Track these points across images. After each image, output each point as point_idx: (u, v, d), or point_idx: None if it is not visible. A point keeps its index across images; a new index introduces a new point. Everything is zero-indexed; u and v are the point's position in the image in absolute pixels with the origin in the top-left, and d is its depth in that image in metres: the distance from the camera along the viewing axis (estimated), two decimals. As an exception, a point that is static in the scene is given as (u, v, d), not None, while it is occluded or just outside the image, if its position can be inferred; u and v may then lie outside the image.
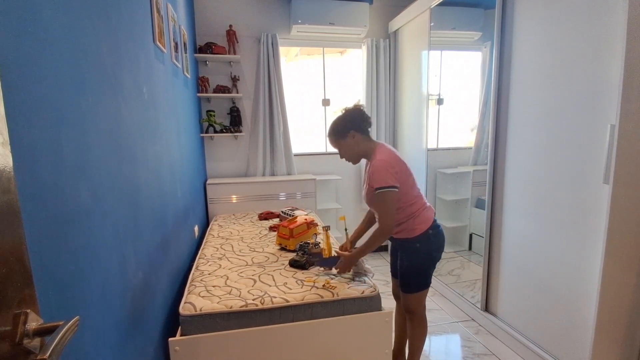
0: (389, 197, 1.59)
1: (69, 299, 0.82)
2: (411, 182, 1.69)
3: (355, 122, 1.71)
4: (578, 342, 1.73)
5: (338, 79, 3.83)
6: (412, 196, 1.70)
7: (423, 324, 1.82)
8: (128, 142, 1.28)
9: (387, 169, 1.60)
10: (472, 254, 2.99)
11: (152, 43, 1.69)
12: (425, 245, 1.71)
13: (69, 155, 0.85)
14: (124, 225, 1.20)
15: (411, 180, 1.70)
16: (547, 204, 1.88)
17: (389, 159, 1.62)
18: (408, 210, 1.69)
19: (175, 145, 2.11)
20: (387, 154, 1.65)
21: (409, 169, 1.70)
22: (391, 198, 1.59)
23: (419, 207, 1.71)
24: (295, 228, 2.22)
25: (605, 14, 1.53)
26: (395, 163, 1.63)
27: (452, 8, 2.83)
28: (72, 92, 0.88)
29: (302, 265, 1.92)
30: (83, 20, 0.97)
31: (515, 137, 2.10)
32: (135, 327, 1.26)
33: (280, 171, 3.54)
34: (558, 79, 1.78)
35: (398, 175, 1.62)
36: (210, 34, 3.27)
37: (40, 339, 0.54)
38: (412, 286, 1.75)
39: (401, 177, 1.63)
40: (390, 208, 1.60)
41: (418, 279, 1.75)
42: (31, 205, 0.69)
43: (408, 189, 1.68)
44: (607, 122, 1.52)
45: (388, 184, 1.58)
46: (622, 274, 1.57)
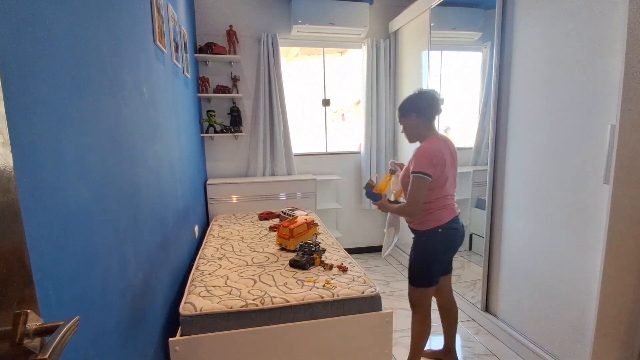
0: (420, 182, 1.65)
1: (69, 299, 0.82)
2: (443, 181, 1.72)
3: (417, 107, 1.76)
4: (578, 342, 1.73)
5: (338, 79, 3.83)
6: (438, 194, 1.73)
7: (425, 322, 1.83)
8: (128, 142, 1.28)
9: (429, 157, 1.66)
10: (472, 254, 2.99)
11: (152, 43, 1.69)
12: (431, 242, 1.75)
13: (69, 155, 0.85)
14: (124, 225, 1.20)
15: (444, 179, 1.72)
16: (547, 204, 1.88)
17: (433, 149, 1.68)
18: (426, 205, 1.73)
19: (175, 145, 2.11)
20: (434, 144, 1.70)
21: (450, 169, 1.73)
22: (421, 184, 1.65)
23: (438, 205, 1.74)
24: (296, 228, 2.21)
25: (605, 14, 1.53)
26: (438, 156, 1.67)
27: (452, 8, 2.83)
28: (72, 92, 0.89)
29: (302, 265, 1.92)
30: (83, 20, 0.97)
31: (515, 138, 2.10)
32: (135, 327, 1.26)
33: (280, 171, 3.54)
34: (558, 79, 1.78)
35: (435, 168, 1.66)
36: (211, 34, 3.28)
37: (40, 339, 0.54)
38: (414, 279, 1.79)
39: (437, 170, 1.67)
40: (419, 192, 1.66)
41: (420, 273, 1.77)
42: (31, 205, 0.69)
43: (437, 186, 1.71)
44: (607, 122, 1.52)
45: (424, 170, 1.64)
46: (622, 274, 1.57)
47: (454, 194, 1.80)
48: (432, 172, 1.65)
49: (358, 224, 3.92)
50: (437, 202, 1.73)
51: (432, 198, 1.72)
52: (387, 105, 3.67)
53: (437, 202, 1.73)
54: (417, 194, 1.65)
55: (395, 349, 2.17)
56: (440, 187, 1.72)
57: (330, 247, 2.26)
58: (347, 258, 2.10)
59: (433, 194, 1.72)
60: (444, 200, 1.74)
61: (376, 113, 3.66)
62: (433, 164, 1.65)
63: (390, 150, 3.76)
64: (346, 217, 3.88)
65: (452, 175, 1.76)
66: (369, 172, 3.71)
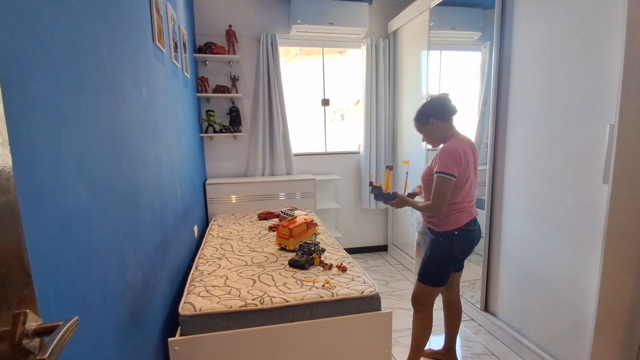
0: (445, 182, 1.65)
1: (69, 299, 0.82)
2: (464, 182, 1.72)
3: (435, 110, 1.78)
4: (577, 341, 1.74)
5: (337, 79, 3.83)
6: (460, 195, 1.73)
7: (428, 320, 1.85)
8: (127, 142, 1.28)
9: (454, 157, 1.66)
10: (471, 254, 2.99)
11: (151, 43, 1.69)
12: (447, 243, 1.76)
13: (68, 155, 0.85)
14: (124, 225, 1.20)
15: (465, 179, 1.71)
16: (547, 204, 1.88)
17: (457, 149, 1.67)
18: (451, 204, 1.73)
19: (174, 145, 2.11)
20: (458, 143, 1.70)
21: (472, 170, 1.74)
22: (446, 184, 1.65)
23: (457, 208, 1.74)
24: (295, 228, 2.21)
25: (604, 13, 1.53)
26: (462, 156, 1.67)
27: (451, 8, 2.83)
28: (71, 92, 0.88)
29: (302, 265, 1.92)
30: (82, 20, 0.97)
31: (514, 137, 2.10)
32: (134, 327, 1.26)
33: (279, 171, 3.54)
34: (557, 79, 1.79)
35: (459, 167, 1.67)
36: (210, 33, 3.27)
37: (39, 339, 0.54)
38: (426, 278, 1.80)
39: (460, 170, 1.68)
40: (444, 193, 1.66)
41: (434, 272, 1.79)
42: (31, 205, 0.69)
43: (458, 186, 1.71)
44: (606, 122, 1.53)
45: (449, 170, 1.65)
46: (621, 274, 1.57)
47: (474, 195, 1.79)
48: (457, 172, 1.66)
49: (357, 223, 3.92)
50: (456, 205, 1.73)
51: (451, 200, 1.71)
52: (387, 105, 3.67)
53: (456, 205, 1.73)
54: (442, 194, 1.65)
55: (395, 349, 2.17)
56: (460, 188, 1.72)
57: (329, 247, 2.26)
58: (346, 258, 2.10)
59: (453, 196, 1.71)
60: (462, 203, 1.74)
61: (375, 113, 3.66)
62: (458, 163, 1.65)
63: (390, 150, 3.76)
64: (345, 217, 3.88)
65: (473, 177, 1.76)
66: (369, 171, 3.71)
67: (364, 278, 1.83)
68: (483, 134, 2.60)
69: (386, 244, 4.00)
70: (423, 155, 3.12)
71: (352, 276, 1.84)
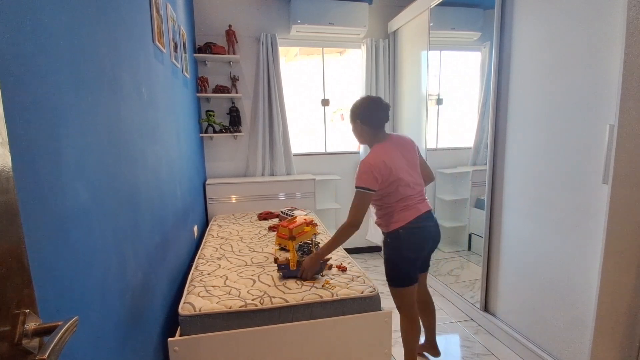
0: (362, 197, 1.67)
1: (68, 299, 0.82)
2: (395, 187, 1.71)
3: (362, 114, 1.78)
4: (577, 341, 1.74)
5: (337, 79, 3.83)
6: (397, 196, 1.73)
7: (409, 319, 1.81)
8: (127, 142, 1.28)
9: (370, 172, 1.65)
10: (471, 254, 2.99)
11: (151, 43, 1.69)
12: (395, 243, 1.74)
13: (67, 155, 0.85)
14: (123, 225, 1.20)
15: (395, 185, 1.71)
16: (546, 204, 1.88)
17: (375, 163, 1.66)
18: (387, 208, 1.76)
19: (174, 145, 2.11)
20: (377, 156, 1.69)
21: (401, 173, 1.72)
22: (363, 198, 1.67)
23: (400, 207, 1.73)
24: (295, 228, 2.21)
25: (604, 14, 1.53)
26: (381, 168, 1.66)
27: (451, 8, 2.83)
28: (71, 92, 0.88)
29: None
30: (82, 20, 0.97)
31: (514, 137, 2.10)
32: (134, 327, 1.26)
33: (279, 171, 3.54)
34: (557, 79, 1.79)
35: (379, 180, 1.66)
36: (210, 34, 3.27)
37: (39, 339, 0.54)
38: (390, 280, 1.79)
39: (384, 181, 1.68)
40: (361, 207, 1.68)
41: (393, 273, 1.77)
42: (30, 205, 0.69)
43: (392, 190, 1.72)
44: (606, 122, 1.53)
45: (366, 185, 1.66)
46: (621, 274, 1.57)
47: (415, 193, 1.76)
48: (375, 186, 1.66)
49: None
50: (397, 205, 1.73)
51: (391, 202, 1.73)
52: (387, 105, 3.67)
53: (397, 205, 1.73)
54: (356, 206, 1.68)
55: (395, 349, 2.17)
56: (394, 192, 1.71)
57: (329, 247, 2.26)
58: (346, 258, 2.10)
59: (390, 199, 1.73)
60: (403, 201, 1.73)
61: (375, 113, 3.65)
62: (375, 177, 1.65)
63: (390, 150, 3.76)
64: (345, 217, 3.87)
65: (409, 176, 1.74)
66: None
67: (364, 278, 1.83)
68: (483, 134, 2.60)
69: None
70: (423, 155, 3.12)
71: (352, 276, 1.84)
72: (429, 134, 3.07)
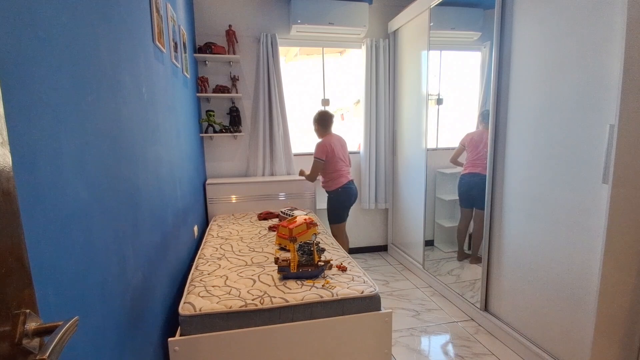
0: (317, 164, 2.97)
1: (69, 299, 0.82)
2: (335, 161, 2.97)
3: (319, 121, 3.05)
4: (577, 341, 1.74)
5: (337, 79, 3.83)
6: (333, 168, 2.99)
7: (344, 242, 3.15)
8: (127, 142, 1.28)
9: (323, 149, 2.95)
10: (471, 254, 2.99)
11: (151, 43, 1.69)
12: (335, 196, 3.05)
13: (68, 155, 0.85)
14: (124, 225, 1.20)
15: (335, 159, 2.97)
16: (546, 204, 1.88)
17: (323, 144, 2.97)
18: (329, 175, 3.02)
19: (174, 145, 2.11)
20: (326, 141, 2.98)
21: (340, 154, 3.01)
22: (317, 164, 2.97)
23: (336, 175, 3.00)
24: (295, 228, 2.21)
25: (604, 13, 1.53)
26: (328, 147, 2.95)
27: (451, 8, 2.83)
28: (71, 92, 0.88)
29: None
30: (82, 20, 0.97)
31: (514, 137, 2.10)
32: (134, 327, 1.26)
33: (279, 171, 3.54)
34: (557, 78, 1.79)
35: (326, 154, 2.95)
36: (210, 33, 3.27)
37: (39, 339, 0.54)
38: (333, 220, 3.11)
39: (328, 156, 2.95)
40: (315, 169, 2.99)
41: (334, 215, 3.10)
42: (30, 205, 0.69)
43: (332, 163, 2.97)
44: (606, 122, 1.53)
45: (319, 156, 2.96)
46: (621, 274, 1.57)
47: (345, 167, 3.04)
48: (324, 157, 2.94)
49: (357, 223, 3.92)
50: (335, 174, 2.99)
51: (332, 170, 2.99)
52: (387, 105, 3.67)
53: (335, 174, 2.99)
54: (314, 170, 2.99)
55: (395, 349, 2.17)
56: (334, 164, 2.97)
57: (329, 247, 2.26)
58: (346, 258, 2.10)
59: (331, 168, 2.98)
60: (339, 172, 2.99)
61: (375, 113, 3.66)
62: (325, 152, 2.94)
63: (390, 150, 3.76)
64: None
65: (342, 157, 3.02)
66: (368, 171, 3.71)
67: (364, 278, 1.83)
68: (483, 134, 2.59)
69: (386, 244, 4.01)
70: (423, 156, 3.13)
71: (352, 276, 1.84)
72: (429, 133, 3.07)
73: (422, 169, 3.13)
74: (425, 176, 3.12)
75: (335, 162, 2.94)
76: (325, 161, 2.92)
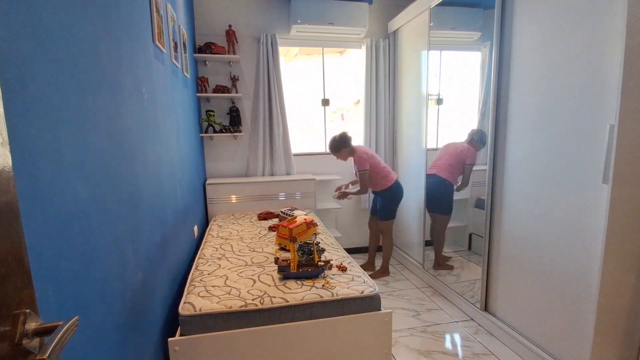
0: (363, 176, 3.05)
1: (69, 299, 0.82)
2: (377, 164, 3.09)
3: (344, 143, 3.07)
4: (577, 341, 1.74)
5: (337, 79, 3.83)
6: (379, 170, 3.08)
7: (392, 240, 3.28)
8: (127, 142, 1.28)
9: (362, 160, 3.04)
10: (471, 254, 2.99)
11: (151, 43, 1.69)
12: (389, 193, 3.13)
13: (68, 155, 0.85)
14: (123, 225, 1.20)
15: (377, 162, 3.09)
16: (546, 204, 1.88)
17: (361, 155, 3.04)
18: (378, 177, 3.10)
19: (174, 145, 2.11)
20: (360, 152, 3.07)
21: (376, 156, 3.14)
22: (364, 176, 3.05)
23: (385, 173, 3.10)
24: (295, 228, 2.21)
25: (604, 13, 1.53)
26: (366, 156, 3.04)
27: (451, 8, 2.82)
28: (71, 92, 0.88)
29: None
30: (82, 20, 0.97)
31: (514, 137, 2.10)
32: (134, 327, 1.26)
33: (279, 171, 3.54)
34: (557, 78, 1.79)
35: (369, 163, 3.04)
36: (210, 34, 3.27)
37: (39, 339, 0.54)
38: (387, 216, 3.18)
39: (370, 163, 3.05)
40: (364, 181, 3.06)
41: (387, 212, 3.18)
42: (30, 205, 0.69)
43: (376, 168, 3.07)
44: (606, 122, 1.53)
45: (362, 168, 3.04)
46: (621, 274, 1.57)
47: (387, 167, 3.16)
48: (367, 166, 3.04)
49: (357, 223, 3.92)
50: (383, 173, 3.09)
51: (378, 171, 3.09)
52: (387, 105, 3.67)
53: (383, 173, 3.09)
54: (363, 182, 3.06)
55: (395, 349, 2.17)
56: (377, 167, 3.08)
57: (329, 247, 2.26)
58: (346, 258, 2.10)
59: (377, 171, 3.08)
60: (385, 170, 3.12)
61: (375, 113, 3.66)
62: (365, 161, 3.03)
63: (390, 150, 3.76)
64: (345, 217, 3.88)
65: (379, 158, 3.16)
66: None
67: (364, 278, 1.83)
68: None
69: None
70: (423, 156, 3.13)
71: (352, 276, 1.84)
72: (429, 133, 3.07)
73: (422, 168, 3.14)
74: (425, 176, 3.12)
75: (377, 165, 3.07)
76: (369, 170, 3.04)
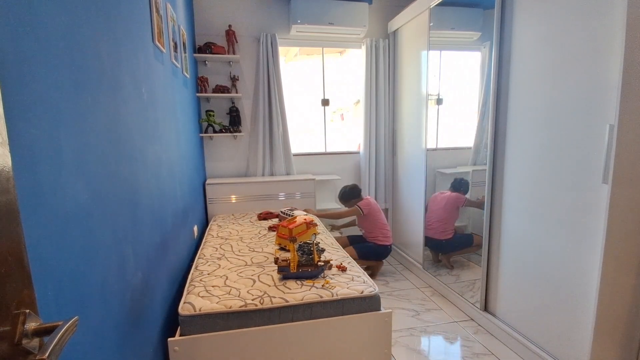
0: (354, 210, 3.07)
1: (68, 299, 0.82)
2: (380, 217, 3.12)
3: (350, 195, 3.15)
4: (577, 342, 1.74)
5: (337, 79, 3.83)
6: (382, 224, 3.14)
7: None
8: (127, 142, 1.28)
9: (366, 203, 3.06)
10: (471, 254, 2.99)
11: (151, 43, 1.69)
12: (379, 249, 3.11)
13: (67, 155, 0.85)
14: (123, 225, 1.20)
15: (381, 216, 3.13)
16: (546, 204, 1.88)
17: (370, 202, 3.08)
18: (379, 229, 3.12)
19: (174, 145, 2.11)
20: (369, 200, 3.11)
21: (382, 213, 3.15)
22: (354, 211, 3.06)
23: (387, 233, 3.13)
24: (295, 228, 2.21)
25: (604, 13, 1.53)
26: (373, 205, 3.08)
27: (451, 8, 2.82)
28: (71, 92, 0.88)
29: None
30: (82, 20, 0.97)
31: (514, 137, 2.10)
32: (134, 327, 1.26)
33: (279, 171, 3.54)
34: (557, 78, 1.79)
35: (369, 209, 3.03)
36: (210, 33, 3.27)
37: (39, 339, 0.54)
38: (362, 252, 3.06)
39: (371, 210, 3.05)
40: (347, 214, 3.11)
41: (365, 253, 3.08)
42: (30, 205, 0.69)
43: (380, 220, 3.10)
44: (606, 122, 1.53)
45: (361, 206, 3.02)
46: (621, 274, 1.57)
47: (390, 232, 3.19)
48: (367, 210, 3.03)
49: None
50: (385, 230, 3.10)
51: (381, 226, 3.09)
52: (387, 105, 3.67)
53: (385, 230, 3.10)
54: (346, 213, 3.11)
55: (395, 349, 2.17)
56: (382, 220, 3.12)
57: (329, 247, 2.26)
58: (346, 258, 2.10)
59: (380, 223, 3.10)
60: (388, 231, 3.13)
61: (375, 113, 3.66)
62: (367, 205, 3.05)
63: (390, 150, 3.76)
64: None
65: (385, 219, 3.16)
66: (368, 171, 3.71)
67: (364, 278, 1.83)
68: (483, 134, 2.59)
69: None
70: (423, 156, 3.13)
71: (352, 276, 1.84)
72: (429, 134, 3.07)
73: (422, 169, 3.13)
74: (425, 176, 3.12)
75: (379, 219, 3.05)
76: (365, 215, 2.99)
